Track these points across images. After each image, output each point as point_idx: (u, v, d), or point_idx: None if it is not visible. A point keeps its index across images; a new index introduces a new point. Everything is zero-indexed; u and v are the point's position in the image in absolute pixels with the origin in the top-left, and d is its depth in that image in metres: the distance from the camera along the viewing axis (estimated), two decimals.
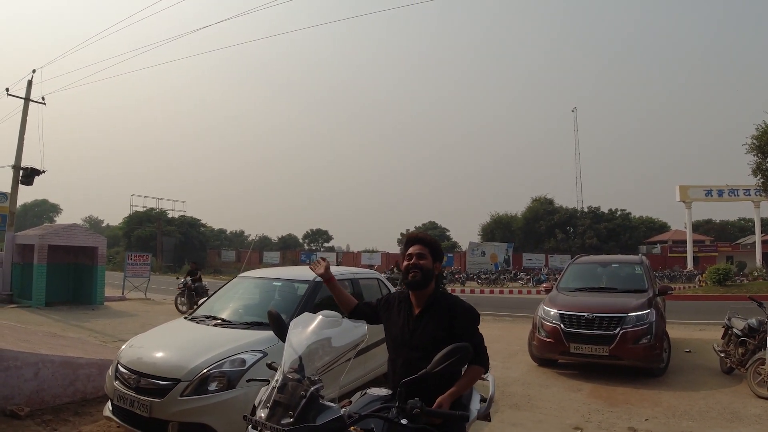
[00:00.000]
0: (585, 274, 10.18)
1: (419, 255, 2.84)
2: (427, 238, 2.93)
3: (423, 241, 2.90)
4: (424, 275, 2.82)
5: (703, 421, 5.98)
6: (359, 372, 5.97)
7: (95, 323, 13.15)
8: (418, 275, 2.81)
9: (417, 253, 2.85)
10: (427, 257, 2.85)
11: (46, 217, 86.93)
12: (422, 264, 2.82)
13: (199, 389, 4.40)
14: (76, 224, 18.32)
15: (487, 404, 3.30)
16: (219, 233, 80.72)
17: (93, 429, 5.36)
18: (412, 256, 2.85)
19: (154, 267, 35.98)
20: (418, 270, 2.81)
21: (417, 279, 2.82)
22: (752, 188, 34.46)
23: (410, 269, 2.83)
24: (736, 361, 7.87)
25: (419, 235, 2.95)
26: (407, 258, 2.87)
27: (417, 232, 2.99)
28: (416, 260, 2.83)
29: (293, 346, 2.31)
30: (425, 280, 2.83)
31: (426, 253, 2.86)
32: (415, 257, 2.84)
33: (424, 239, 2.92)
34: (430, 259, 2.86)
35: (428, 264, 2.84)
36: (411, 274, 2.82)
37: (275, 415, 2.07)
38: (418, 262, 2.82)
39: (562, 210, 58.96)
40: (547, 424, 5.87)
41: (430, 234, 3.04)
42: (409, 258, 2.85)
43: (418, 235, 2.96)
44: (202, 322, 5.70)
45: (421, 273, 2.81)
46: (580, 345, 7.90)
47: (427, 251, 2.86)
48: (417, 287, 2.85)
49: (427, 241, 2.91)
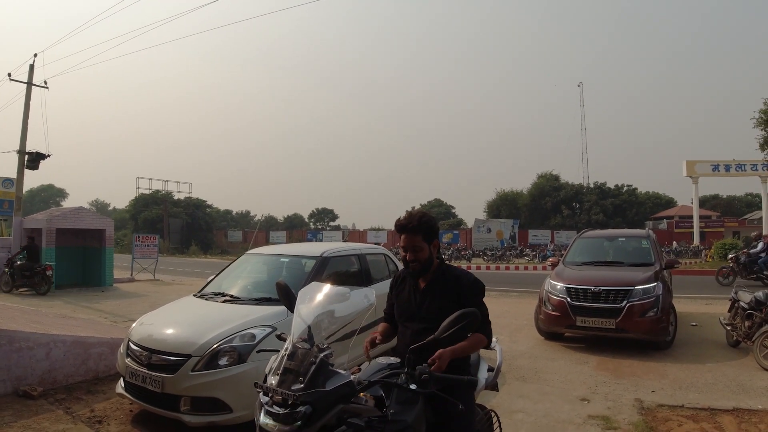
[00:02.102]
0: (591, 248, 10.17)
1: (414, 249, 2.78)
2: (414, 225, 2.78)
3: (413, 230, 2.78)
4: (424, 265, 2.81)
5: (710, 393, 6.00)
6: None
7: (105, 304, 13.27)
8: (418, 267, 2.81)
9: (411, 247, 2.79)
10: (422, 246, 2.78)
11: (52, 201, 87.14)
12: (419, 256, 2.79)
13: (210, 364, 4.46)
14: (82, 207, 18.37)
15: (494, 374, 3.34)
16: (225, 214, 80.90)
17: (106, 406, 5.42)
18: (407, 249, 2.80)
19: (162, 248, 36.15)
20: (416, 263, 2.80)
21: (417, 269, 2.82)
22: (759, 163, 34.11)
23: (409, 263, 2.82)
24: (742, 334, 7.87)
25: (408, 225, 2.79)
26: (403, 250, 2.83)
27: (405, 219, 2.81)
28: (412, 255, 2.79)
29: (302, 315, 2.34)
30: (426, 268, 2.83)
31: (419, 241, 2.77)
32: (410, 252, 2.79)
33: (414, 227, 2.78)
34: (425, 245, 2.79)
35: (424, 254, 2.79)
36: (411, 266, 2.82)
37: (286, 381, 2.09)
38: (415, 256, 2.79)
39: (568, 186, 58.67)
40: (553, 396, 5.91)
41: (419, 213, 2.85)
42: (405, 251, 2.82)
43: (407, 224, 2.79)
44: (211, 299, 5.76)
45: (421, 264, 2.80)
46: (586, 318, 7.92)
47: (419, 238, 2.77)
48: (420, 275, 2.87)
49: (416, 227, 2.78)
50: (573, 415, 5.24)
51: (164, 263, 28.34)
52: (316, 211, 76.83)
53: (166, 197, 59.58)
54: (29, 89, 19.84)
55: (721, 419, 5.12)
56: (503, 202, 59.75)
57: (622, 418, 5.15)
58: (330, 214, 76.95)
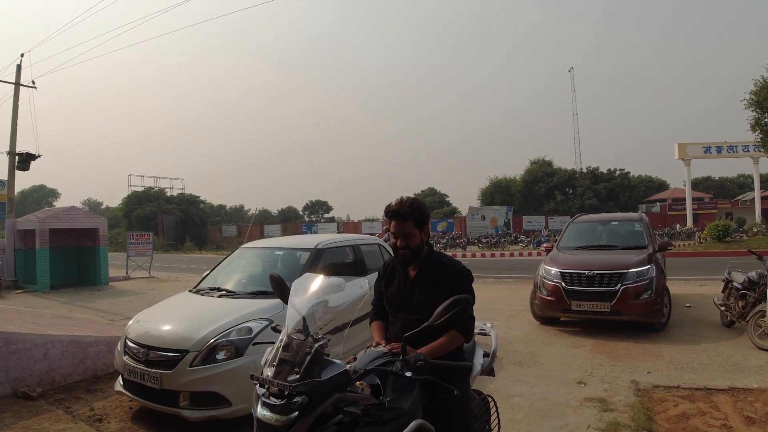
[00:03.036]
0: (585, 232, 10.22)
1: (405, 235, 2.77)
2: (406, 211, 2.78)
3: (404, 216, 2.77)
4: (414, 252, 2.80)
5: (705, 373, 6.06)
6: (363, 337, 6.02)
7: (101, 303, 13.27)
8: (408, 254, 2.80)
9: (402, 233, 2.78)
10: (413, 233, 2.78)
11: (44, 202, 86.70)
12: (409, 243, 2.78)
13: (208, 359, 4.48)
14: (75, 207, 18.30)
15: (490, 359, 3.37)
16: (219, 209, 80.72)
17: (105, 404, 5.44)
18: (398, 236, 2.80)
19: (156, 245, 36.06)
20: (407, 250, 2.79)
21: (407, 257, 2.81)
22: (751, 144, 34.29)
23: (399, 250, 2.81)
24: (736, 314, 7.94)
25: (400, 210, 2.78)
26: (393, 237, 2.83)
27: (396, 206, 2.81)
28: (403, 241, 2.78)
29: (296, 307, 2.34)
30: (416, 255, 2.82)
31: (410, 228, 2.77)
32: (401, 238, 2.79)
33: (405, 213, 2.77)
34: (416, 231, 2.79)
35: (415, 240, 2.78)
36: (401, 253, 2.81)
37: (282, 372, 2.10)
38: (405, 242, 2.78)
39: (561, 171, 58.73)
40: (550, 379, 5.96)
41: (411, 200, 2.85)
42: (395, 237, 2.81)
43: (399, 210, 2.78)
44: (206, 294, 5.76)
45: (411, 251, 2.80)
46: (581, 302, 7.97)
47: (410, 224, 2.77)
48: (409, 263, 2.86)
49: (408, 213, 2.77)
50: (570, 398, 5.29)
51: (159, 260, 28.31)
52: (310, 203, 76.71)
53: (158, 194, 59.37)
54: (17, 90, 19.76)
55: (716, 398, 5.17)
56: (497, 189, 59.80)
57: (618, 399, 5.20)
58: (324, 206, 76.83)
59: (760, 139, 24.07)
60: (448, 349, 2.66)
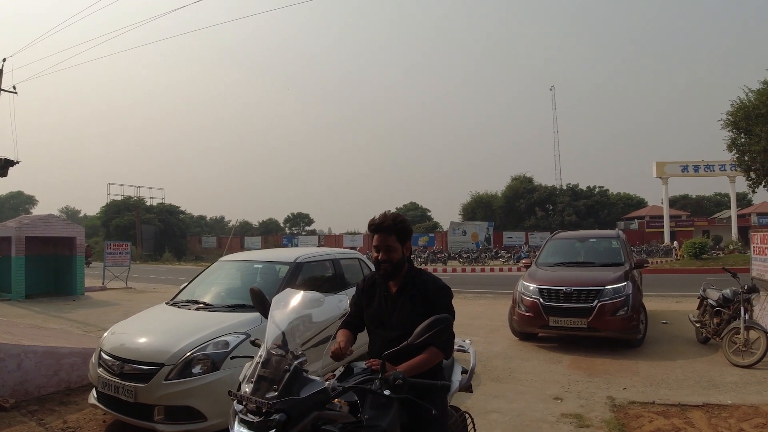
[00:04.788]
0: (563, 249, 10.32)
1: (387, 249, 2.77)
2: (389, 224, 2.78)
3: (387, 230, 2.78)
4: (395, 266, 2.80)
5: (681, 389, 6.13)
6: None
7: (77, 313, 13.04)
8: (390, 268, 2.79)
9: (384, 246, 2.78)
10: (395, 247, 2.78)
11: (22, 209, 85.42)
12: (391, 257, 2.78)
13: (184, 372, 4.42)
14: (52, 215, 18.02)
15: (468, 375, 3.38)
16: (199, 220, 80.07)
17: (79, 417, 5.35)
18: (380, 249, 2.79)
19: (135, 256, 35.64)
20: (388, 263, 2.78)
21: (389, 271, 2.80)
22: (728, 163, 35.03)
23: (381, 263, 2.80)
24: (711, 330, 8.05)
25: (382, 224, 2.79)
26: (375, 250, 2.82)
27: (379, 219, 2.81)
28: (385, 255, 2.78)
29: (276, 322, 2.34)
30: (397, 270, 2.81)
31: (392, 242, 2.77)
32: (383, 252, 2.78)
33: (388, 227, 2.78)
34: (398, 246, 2.79)
35: (397, 255, 2.78)
36: (382, 267, 2.80)
37: (260, 389, 2.09)
38: (387, 256, 2.78)
39: (541, 188, 59.31)
40: (528, 395, 5.98)
41: (394, 214, 2.85)
42: (377, 250, 2.81)
43: (382, 224, 2.79)
44: (183, 307, 5.70)
45: (392, 265, 2.79)
46: (559, 318, 8.04)
47: (393, 239, 2.78)
48: (391, 278, 2.84)
49: (391, 227, 2.78)
50: (547, 414, 5.32)
51: (137, 271, 27.93)
52: (291, 215, 76.44)
53: (138, 203, 58.79)
54: None
55: (691, 414, 5.23)
56: (478, 204, 60.14)
57: (594, 415, 5.24)
58: (306, 219, 76.63)
59: (737, 159, 24.55)
60: (428, 367, 2.65)
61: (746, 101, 22.80)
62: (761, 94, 22.06)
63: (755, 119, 22.14)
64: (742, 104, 23.01)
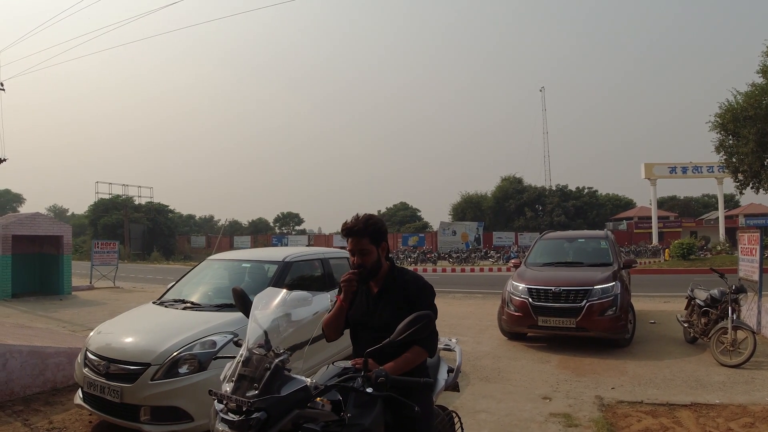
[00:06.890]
0: (552, 249, 10.35)
1: (360, 252, 2.75)
2: (360, 227, 2.74)
3: (359, 233, 2.74)
4: (371, 269, 2.77)
5: (668, 388, 6.16)
6: (325, 353, 5.92)
7: (63, 313, 12.93)
8: (365, 272, 2.76)
9: (358, 250, 2.75)
10: (369, 250, 2.75)
11: (9, 207, 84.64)
12: (365, 260, 2.75)
13: (170, 372, 4.39)
14: (39, 213, 17.86)
15: (454, 374, 3.36)
16: (188, 219, 79.68)
17: (65, 418, 5.30)
18: (354, 253, 2.77)
19: (123, 255, 35.42)
20: (363, 267, 2.75)
21: (365, 275, 2.77)
22: (715, 165, 35.31)
23: (356, 268, 2.78)
24: (699, 330, 8.09)
25: (354, 228, 2.75)
26: (351, 254, 2.80)
27: (351, 222, 2.78)
28: (359, 259, 2.75)
29: (258, 321, 2.32)
30: (374, 272, 2.79)
31: (365, 244, 2.74)
32: (357, 256, 2.76)
33: (360, 230, 2.74)
34: (373, 248, 2.76)
35: (372, 258, 2.76)
36: (358, 270, 2.76)
37: (240, 388, 2.08)
38: (362, 260, 2.75)
39: (531, 188, 59.54)
40: (516, 395, 5.99)
41: (366, 216, 2.82)
42: (352, 254, 2.79)
43: (353, 227, 2.76)
44: (171, 306, 5.66)
45: (367, 270, 2.76)
46: (547, 318, 8.06)
47: (366, 241, 2.74)
48: (368, 280, 2.82)
49: (362, 230, 2.74)
50: (535, 414, 5.33)
51: (125, 270, 27.77)
52: (281, 215, 76.25)
53: (126, 202, 58.34)
54: None
55: (679, 414, 5.26)
56: (468, 204, 60.26)
57: (582, 415, 5.25)
58: (296, 219, 76.45)
59: (724, 161, 24.68)
60: (412, 365, 2.65)
61: (734, 103, 22.92)
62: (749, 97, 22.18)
63: (743, 121, 22.27)
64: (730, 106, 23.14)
